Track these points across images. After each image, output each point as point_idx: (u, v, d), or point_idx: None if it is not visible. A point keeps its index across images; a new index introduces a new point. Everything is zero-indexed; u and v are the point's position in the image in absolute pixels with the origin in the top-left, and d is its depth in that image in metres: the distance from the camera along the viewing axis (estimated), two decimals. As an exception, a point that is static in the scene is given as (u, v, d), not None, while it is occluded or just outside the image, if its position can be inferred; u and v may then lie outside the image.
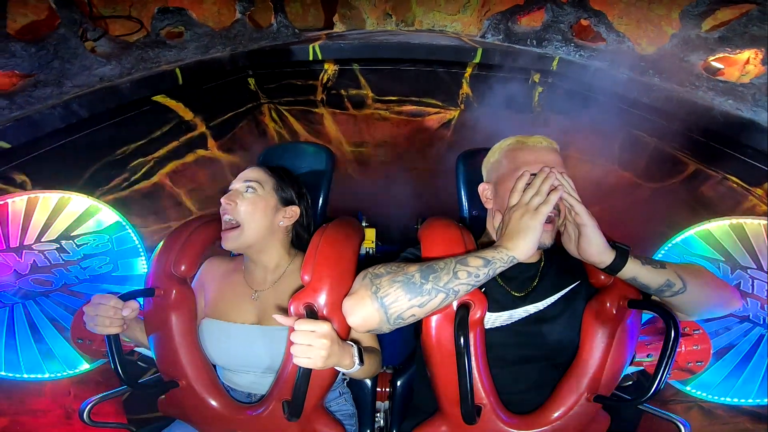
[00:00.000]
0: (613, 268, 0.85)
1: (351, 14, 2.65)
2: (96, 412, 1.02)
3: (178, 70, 2.08)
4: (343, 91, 2.62)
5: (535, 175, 0.87)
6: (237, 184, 1.04)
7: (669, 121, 1.90)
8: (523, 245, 0.80)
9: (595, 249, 0.84)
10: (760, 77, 1.62)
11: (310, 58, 2.42)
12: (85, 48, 1.84)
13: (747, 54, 1.82)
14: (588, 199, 0.85)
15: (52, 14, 2.01)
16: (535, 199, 0.82)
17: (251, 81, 2.48)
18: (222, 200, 1.00)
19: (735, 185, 1.82)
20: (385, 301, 0.79)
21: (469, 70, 2.43)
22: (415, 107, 2.66)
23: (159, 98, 2.12)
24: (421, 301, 0.79)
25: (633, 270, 0.85)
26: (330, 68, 2.52)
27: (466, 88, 2.53)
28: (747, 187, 1.77)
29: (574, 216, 0.85)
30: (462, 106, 2.59)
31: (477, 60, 2.33)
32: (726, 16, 1.86)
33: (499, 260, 0.80)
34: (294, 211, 1.07)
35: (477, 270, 0.79)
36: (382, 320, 0.80)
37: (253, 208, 1.00)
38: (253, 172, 1.05)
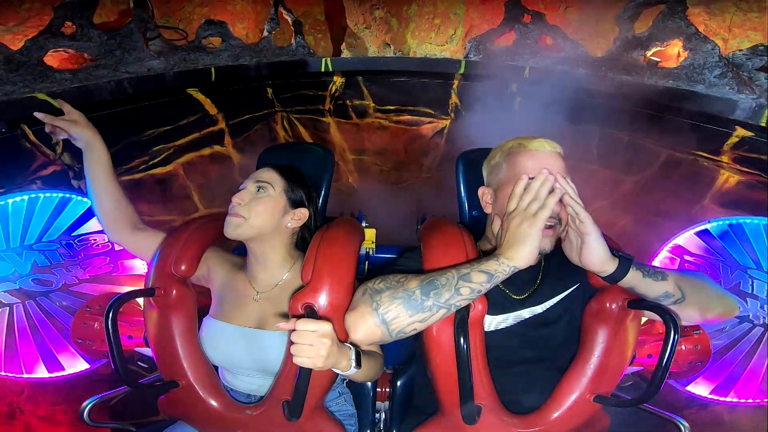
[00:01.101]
0: (614, 278, 0.84)
1: (356, 43, 3.10)
2: (96, 413, 1.02)
3: (212, 69, 2.42)
4: (348, 102, 2.94)
5: (533, 179, 0.84)
6: (249, 184, 1.03)
7: (628, 106, 2.22)
8: (523, 254, 0.79)
9: (598, 258, 0.83)
10: (687, 59, 2.07)
11: (323, 69, 2.77)
12: (143, 43, 2.23)
13: (676, 48, 2.17)
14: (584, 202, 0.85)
15: (121, 16, 2.55)
16: (533, 205, 0.81)
17: (269, 90, 2.79)
18: (234, 198, 1.00)
19: (704, 161, 2.08)
20: (386, 318, 0.79)
21: (456, 81, 2.78)
22: (411, 117, 2.96)
23: (192, 91, 2.42)
24: (422, 317, 0.79)
25: (632, 281, 0.84)
26: (338, 80, 2.86)
27: (455, 98, 2.85)
28: (714, 158, 2.03)
29: (577, 224, 0.83)
30: (452, 115, 2.91)
31: (461, 71, 2.70)
32: (648, 17, 2.26)
33: (501, 273, 0.80)
34: (303, 214, 1.07)
35: (480, 285, 0.79)
36: (384, 334, 0.80)
37: (263, 208, 1.00)
38: (265, 173, 1.05)
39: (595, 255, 0.82)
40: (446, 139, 2.94)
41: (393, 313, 0.79)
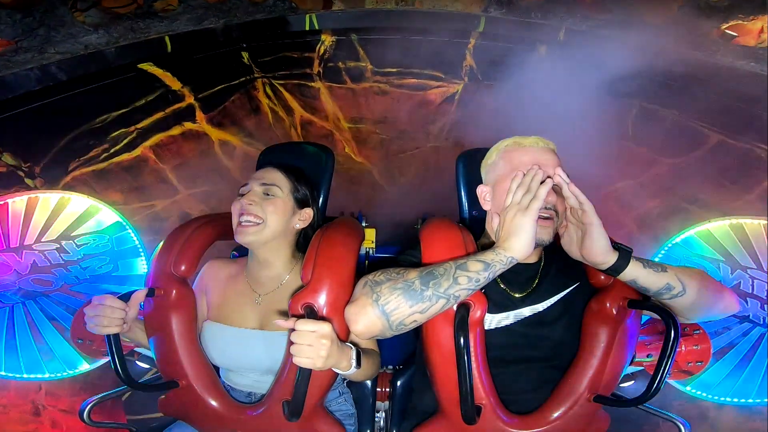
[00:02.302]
0: (616, 269, 0.84)
1: None
2: (96, 412, 1.02)
3: (167, 38, 2.05)
4: (340, 64, 2.50)
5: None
6: (254, 185, 1.02)
7: (685, 87, 1.90)
8: (519, 244, 0.81)
9: (599, 249, 0.83)
10: None
11: (306, 28, 2.34)
12: (73, 17, 1.83)
13: (760, 23, 1.80)
14: (597, 179, 0.83)
15: None
16: (526, 197, 0.83)
17: (245, 54, 2.40)
18: (243, 201, 1.00)
19: (762, 152, 1.81)
20: (386, 309, 0.79)
21: (472, 41, 2.36)
22: (416, 80, 2.54)
23: (145, 66, 2.07)
24: (422, 308, 0.79)
25: (634, 272, 0.84)
26: (327, 39, 2.43)
27: (469, 60, 2.44)
28: None
29: (580, 215, 0.84)
30: (466, 78, 2.49)
31: (480, 29, 2.28)
32: None
33: (498, 262, 0.81)
34: (308, 214, 1.07)
35: (477, 274, 0.80)
36: (385, 327, 0.80)
37: (275, 209, 1.00)
38: (270, 174, 1.04)
39: (597, 246, 0.83)
40: (458, 105, 2.55)
41: (393, 303, 0.79)
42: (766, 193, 1.82)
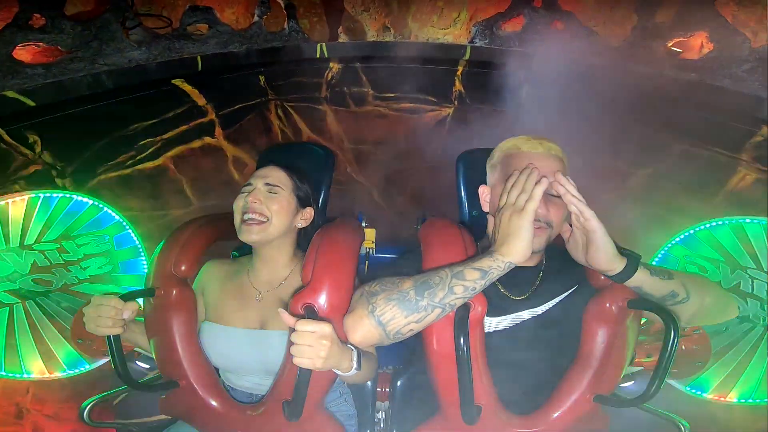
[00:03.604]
0: (621, 278, 0.82)
1: (354, 27, 2.88)
2: (96, 413, 1.02)
3: (199, 57, 2.30)
4: (345, 89, 2.76)
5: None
6: (258, 184, 1.02)
7: (643, 98, 2.10)
8: (515, 248, 0.78)
9: (605, 256, 0.80)
10: (713, 51, 1.96)
11: (317, 56, 2.61)
12: (122, 33, 2.10)
13: (700, 39, 2.05)
14: (581, 193, 0.83)
15: (98, 5, 2.23)
16: (521, 197, 0.80)
17: (261, 78, 2.63)
18: (248, 198, 0.99)
19: (721, 157, 1.99)
20: (382, 320, 0.80)
21: (460, 68, 2.62)
22: (412, 104, 2.79)
23: (177, 81, 2.30)
24: (417, 317, 0.79)
25: (641, 280, 0.82)
26: (334, 67, 2.69)
27: (458, 86, 2.70)
28: (732, 155, 1.95)
29: (582, 222, 0.81)
30: (455, 103, 2.75)
31: (467, 57, 2.55)
32: (671, 5, 2.15)
33: (496, 269, 0.79)
34: (309, 213, 1.07)
35: (474, 283, 0.79)
36: (382, 336, 0.81)
37: (279, 208, 1.00)
38: (273, 172, 1.04)
39: (602, 253, 0.80)
40: (449, 129, 2.80)
41: (389, 314, 0.79)
42: (733, 194, 1.98)
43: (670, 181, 2.16)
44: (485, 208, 0.99)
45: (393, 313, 0.79)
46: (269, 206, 0.99)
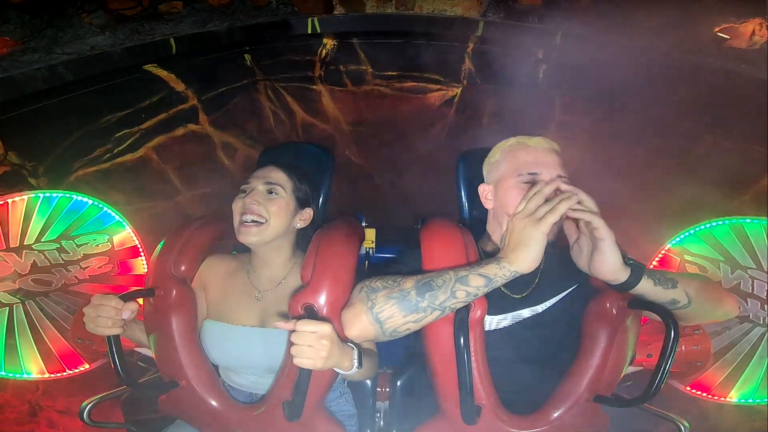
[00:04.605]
0: (624, 288, 0.82)
1: None
2: (96, 413, 1.01)
3: (172, 40, 2.09)
4: (342, 67, 2.55)
5: (533, 174, 0.86)
6: (257, 184, 1.02)
7: (679, 88, 1.92)
8: (526, 258, 0.78)
9: (611, 266, 0.79)
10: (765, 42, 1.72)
11: (309, 31, 2.38)
12: (80, 18, 1.89)
13: (751, 26, 1.85)
14: (598, 183, 0.81)
15: None
16: (542, 208, 0.79)
17: (247, 57, 2.43)
18: (246, 199, 1.00)
19: (756, 154, 1.83)
20: (380, 317, 0.80)
21: (471, 45, 2.39)
22: (415, 83, 2.58)
23: (150, 67, 2.11)
24: (416, 318, 0.79)
25: (643, 289, 0.82)
26: (329, 43, 2.47)
27: (468, 64, 2.47)
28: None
29: (591, 229, 0.80)
30: (464, 82, 2.53)
31: (479, 33, 2.32)
32: None
33: (501, 277, 0.79)
34: (309, 214, 1.08)
35: (476, 289, 0.79)
36: (378, 333, 0.81)
37: (278, 210, 1.00)
38: (273, 173, 1.04)
39: (608, 263, 0.79)
40: (456, 109, 2.57)
41: (387, 312, 0.79)
42: (765, 193, 1.84)
43: (694, 174, 2.00)
44: (487, 206, 0.99)
45: (391, 312, 0.79)
46: (268, 208, 1.00)
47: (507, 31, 2.28)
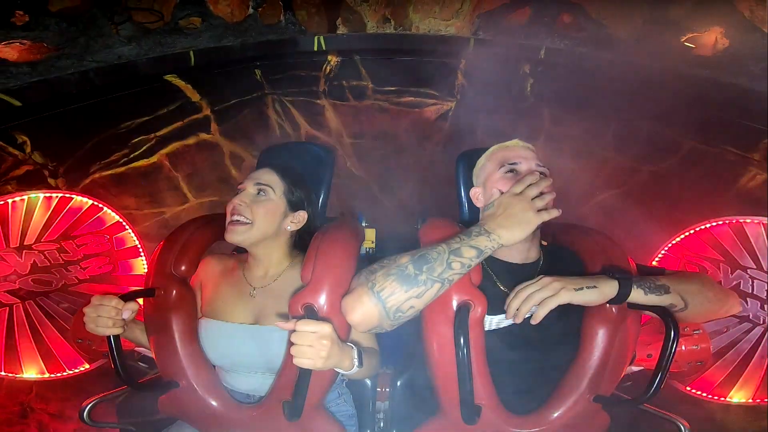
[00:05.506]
0: (615, 302, 0.85)
1: (353, 18, 2.75)
2: (96, 413, 1.02)
3: (191, 52, 2.22)
4: (344, 82, 2.69)
5: (515, 164, 0.94)
6: (248, 186, 1.03)
7: (657, 97, 2.06)
8: (515, 234, 0.83)
9: (594, 301, 0.84)
10: (729, 48, 1.87)
11: (315, 48, 2.53)
12: (110, 29, 2.02)
13: (714, 35, 1.97)
14: (585, 189, 0.86)
15: (84, 0, 2.10)
16: (538, 202, 0.84)
17: (257, 72, 2.57)
18: (234, 200, 1.01)
19: (731, 155, 1.94)
20: (382, 295, 0.79)
21: (463, 61, 2.55)
22: (413, 98, 2.73)
23: (170, 77, 2.23)
24: (417, 292, 0.80)
25: (635, 300, 0.85)
26: (333, 59, 2.61)
27: (461, 79, 2.62)
28: (744, 154, 1.90)
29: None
30: (458, 96, 2.68)
31: (470, 50, 2.47)
32: None
33: (490, 249, 0.83)
34: (302, 217, 1.07)
35: (470, 260, 0.81)
36: (382, 315, 0.80)
37: (264, 211, 1.01)
38: (265, 175, 1.05)
39: (590, 303, 0.84)
40: (450, 122, 2.74)
41: (388, 289, 0.79)
42: (746, 193, 1.91)
43: (677, 178, 2.14)
44: (479, 205, 1.03)
45: (393, 288, 0.79)
46: (254, 209, 1.00)
47: (496, 48, 2.46)
